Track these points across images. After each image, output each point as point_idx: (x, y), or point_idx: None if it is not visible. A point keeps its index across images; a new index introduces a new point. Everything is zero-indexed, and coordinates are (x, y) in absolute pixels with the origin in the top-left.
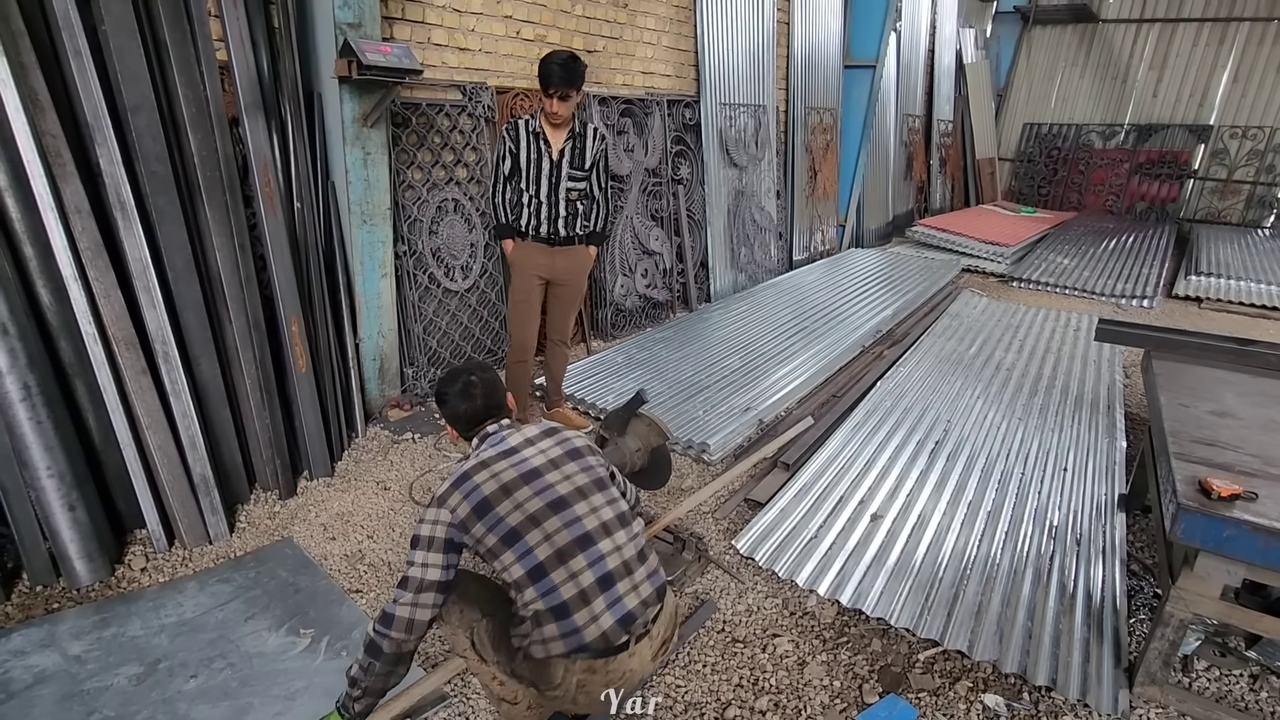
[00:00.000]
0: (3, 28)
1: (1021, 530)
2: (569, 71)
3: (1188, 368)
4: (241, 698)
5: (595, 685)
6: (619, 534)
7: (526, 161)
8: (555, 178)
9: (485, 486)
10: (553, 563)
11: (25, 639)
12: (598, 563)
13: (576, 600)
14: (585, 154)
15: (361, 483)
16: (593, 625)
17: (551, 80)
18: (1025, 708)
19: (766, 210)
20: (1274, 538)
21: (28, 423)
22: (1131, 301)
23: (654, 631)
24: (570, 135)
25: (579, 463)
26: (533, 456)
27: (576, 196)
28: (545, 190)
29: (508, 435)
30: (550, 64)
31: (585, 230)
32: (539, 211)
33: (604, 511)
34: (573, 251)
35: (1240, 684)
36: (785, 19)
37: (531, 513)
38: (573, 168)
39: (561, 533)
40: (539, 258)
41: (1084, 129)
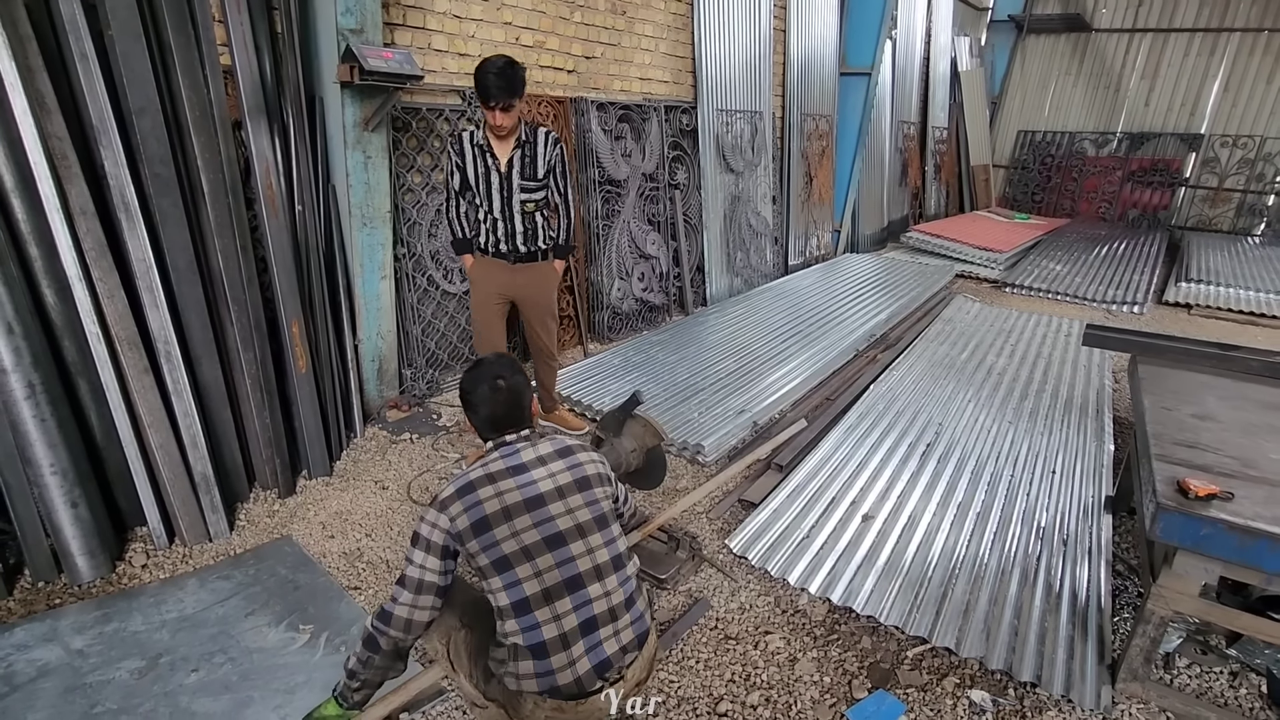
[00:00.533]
0: (10, 32)
1: (1010, 531)
2: (507, 80)
3: (1172, 372)
4: (242, 691)
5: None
6: (610, 579)
7: (475, 177)
8: (507, 191)
9: (488, 505)
10: (538, 601)
11: (28, 633)
12: (583, 607)
13: (556, 643)
14: (537, 162)
15: (360, 482)
16: (568, 670)
17: (489, 93)
18: (1010, 703)
19: (762, 215)
20: (1249, 536)
21: (32, 420)
22: (1122, 307)
23: (628, 675)
24: (518, 144)
25: (585, 495)
26: (541, 480)
27: (534, 208)
28: (499, 205)
29: (521, 449)
30: (485, 74)
31: (548, 244)
32: (496, 228)
33: (599, 554)
34: (536, 269)
35: (1220, 681)
36: (782, 26)
37: (526, 545)
38: (525, 179)
39: (553, 571)
40: (499, 275)
41: (1077, 137)
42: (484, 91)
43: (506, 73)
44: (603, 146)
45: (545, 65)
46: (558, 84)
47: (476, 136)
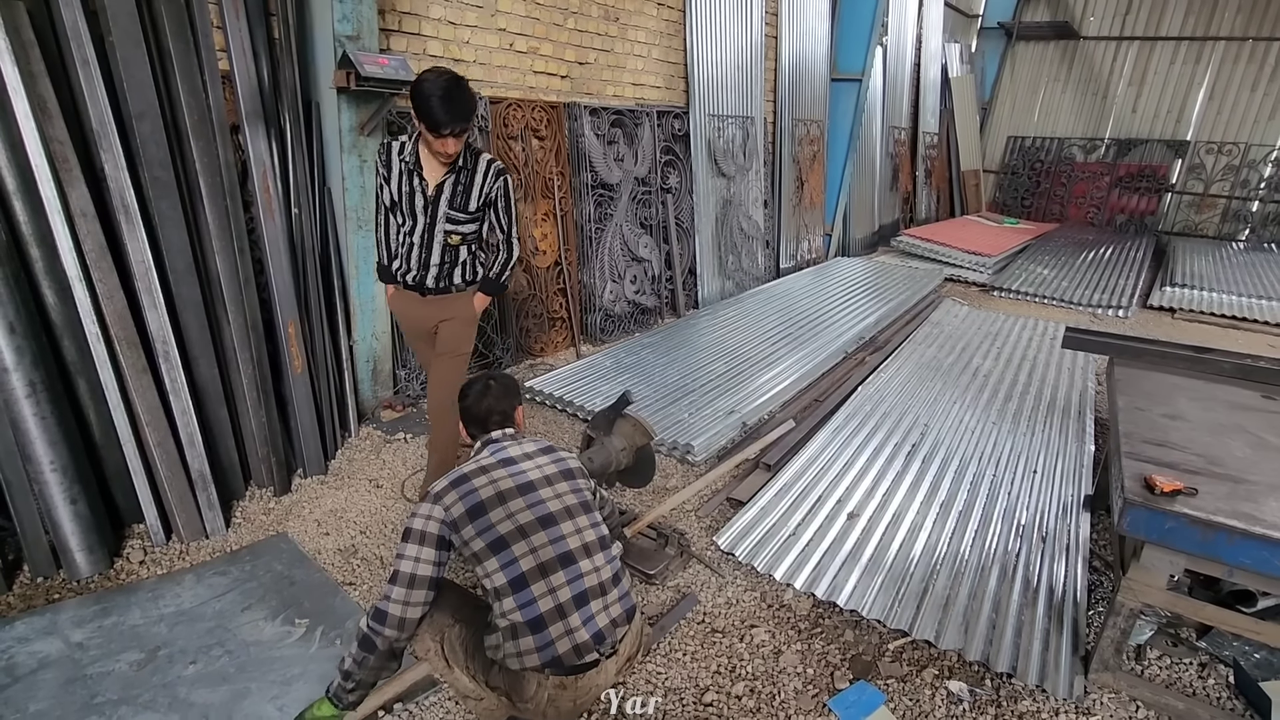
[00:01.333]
0: (14, 38)
1: (991, 528)
2: (461, 103)
3: (1147, 374)
4: (239, 683)
5: (564, 701)
6: (598, 556)
7: (399, 194)
8: (430, 218)
9: (482, 491)
10: (534, 575)
11: (28, 626)
12: (576, 580)
13: (553, 614)
14: (471, 192)
15: (354, 480)
16: (566, 638)
17: (437, 122)
18: (987, 693)
19: (754, 219)
20: (1210, 529)
21: (32, 419)
22: (1108, 311)
23: (620, 650)
24: (452, 169)
25: (570, 484)
26: (529, 470)
27: (459, 241)
28: (419, 231)
29: (508, 446)
30: (429, 98)
31: (469, 280)
32: (410, 254)
33: (587, 533)
34: (450, 301)
35: (1189, 672)
36: (774, 33)
37: (521, 524)
38: (453, 208)
39: (546, 547)
40: (413, 308)
41: (1066, 142)
42: (432, 118)
43: (457, 94)
44: (595, 151)
45: (539, 71)
46: (551, 89)
47: (405, 150)
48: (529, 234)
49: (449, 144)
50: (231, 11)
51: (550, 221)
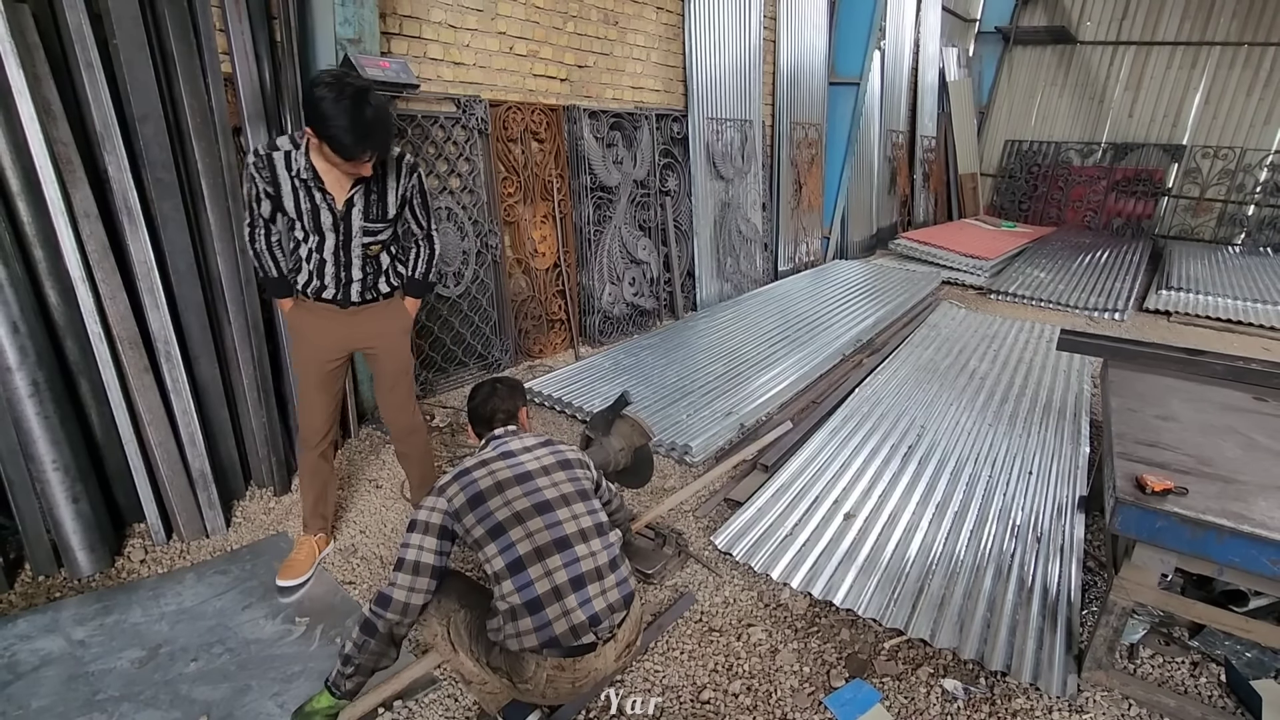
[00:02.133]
0: (19, 40)
1: (986, 529)
2: (376, 128)
3: (1141, 376)
4: (240, 680)
5: (563, 682)
6: (595, 541)
7: (295, 211)
8: (344, 234)
9: (481, 481)
10: (531, 559)
11: (30, 624)
12: (572, 564)
13: (550, 595)
14: (386, 198)
15: (354, 480)
16: (563, 619)
17: (347, 153)
18: (981, 691)
19: (752, 222)
20: (1199, 528)
21: (35, 418)
22: (1104, 314)
23: (619, 635)
24: (359, 179)
25: (568, 473)
26: (527, 462)
27: (378, 250)
28: (330, 246)
29: (509, 441)
30: (330, 124)
31: (395, 285)
32: (323, 270)
33: (584, 520)
34: (377, 309)
35: (1181, 670)
36: (772, 37)
37: (518, 510)
38: (369, 220)
39: (542, 532)
40: (329, 325)
41: (1063, 146)
42: (340, 148)
43: (371, 116)
44: (595, 154)
45: (539, 74)
46: (550, 92)
47: (296, 163)
48: (528, 236)
49: (364, 168)
50: (234, 14)
51: (549, 224)
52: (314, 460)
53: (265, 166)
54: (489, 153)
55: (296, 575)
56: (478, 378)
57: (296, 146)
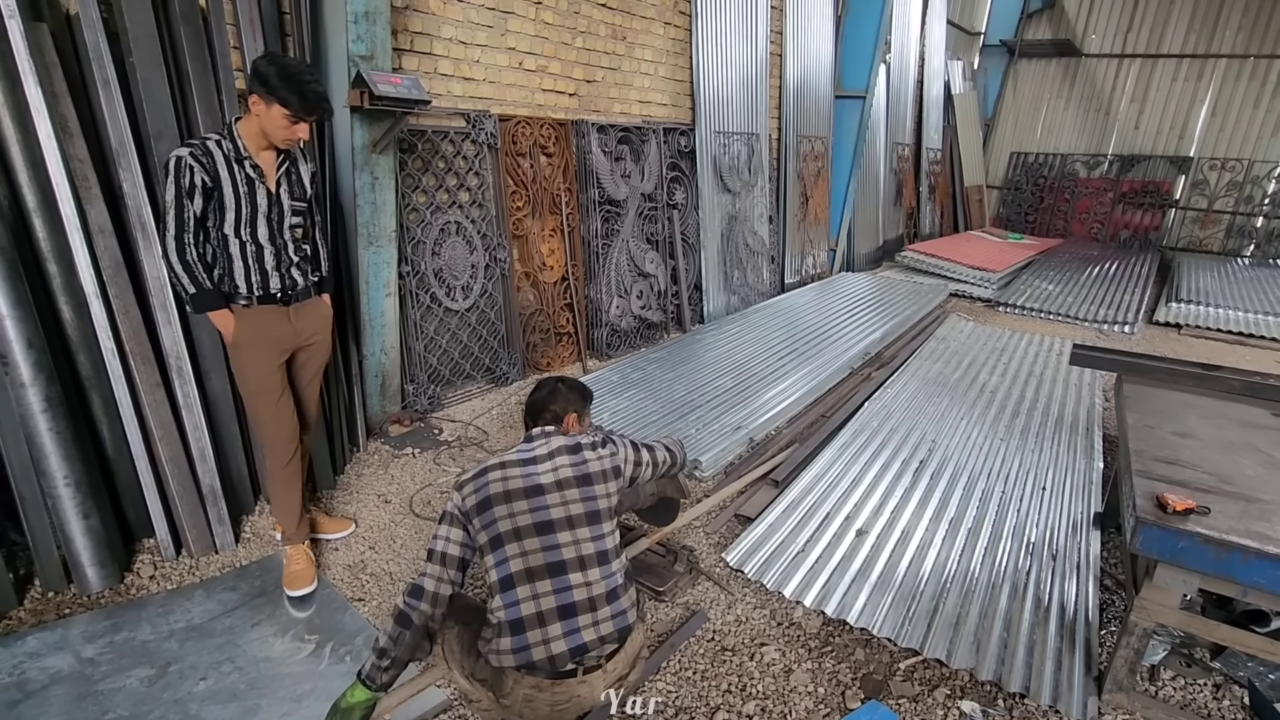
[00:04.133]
0: (38, 59)
1: (1000, 546)
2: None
3: (1156, 391)
4: (249, 699)
5: (540, 704)
6: (593, 571)
7: (234, 198)
8: (277, 215)
9: (493, 486)
10: (521, 578)
11: (40, 641)
12: (563, 591)
13: (533, 620)
14: (303, 180)
15: (363, 495)
16: (542, 647)
17: (310, 105)
18: (1000, 713)
19: (759, 234)
20: (1223, 549)
21: (47, 433)
22: (1113, 327)
23: (608, 667)
24: (284, 159)
25: (583, 490)
26: (544, 473)
27: (301, 235)
28: (265, 233)
29: (538, 444)
30: (303, 80)
31: (317, 277)
32: (262, 259)
33: (585, 546)
34: (312, 307)
35: (1204, 693)
36: (778, 51)
37: (518, 526)
38: (294, 199)
39: (537, 554)
40: (274, 326)
41: (1069, 159)
42: (306, 100)
43: (319, 77)
44: (603, 168)
45: (547, 89)
46: (559, 107)
47: (226, 147)
48: (536, 249)
49: (303, 130)
50: (249, 33)
51: (557, 237)
52: (290, 473)
53: (205, 155)
54: (498, 167)
55: (307, 584)
56: (486, 391)
57: (223, 137)
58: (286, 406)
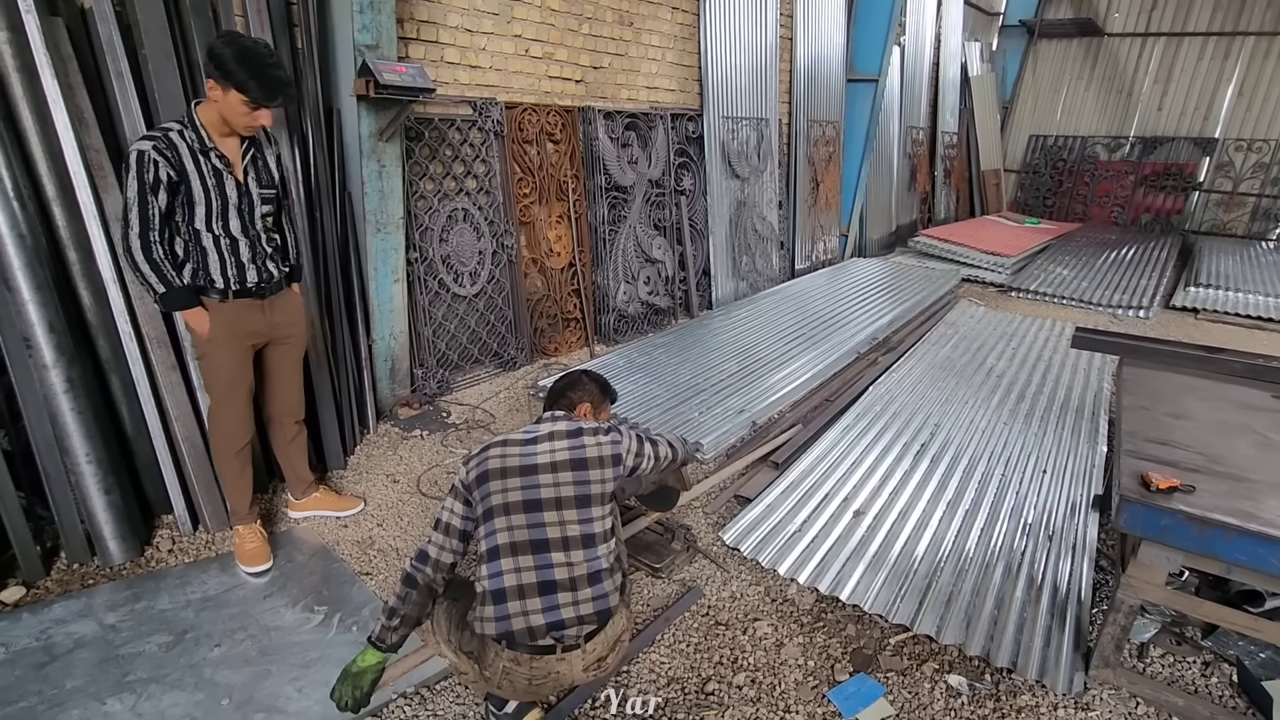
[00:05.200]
0: (54, 53)
1: (997, 526)
2: (287, 74)
3: (1156, 374)
4: (260, 665)
5: (519, 677)
6: (576, 552)
7: (203, 192)
8: (248, 206)
9: (492, 462)
10: (505, 551)
11: (65, 609)
12: (545, 569)
13: (513, 591)
14: (269, 163)
15: (373, 475)
16: (521, 618)
17: (271, 90)
18: (986, 687)
19: (768, 220)
20: (1205, 526)
21: (69, 413)
22: (1128, 312)
23: (587, 648)
24: (249, 145)
25: (576, 474)
26: (541, 454)
27: (273, 223)
28: (238, 225)
29: (543, 427)
30: (260, 61)
31: (288, 267)
32: (237, 252)
33: (571, 527)
34: (286, 299)
35: (1192, 670)
36: (789, 35)
37: (509, 501)
38: (262, 187)
39: (523, 530)
40: (248, 320)
41: (1089, 141)
42: (270, 86)
43: (280, 60)
44: (609, 154)
45: (554, 76)
46: (566, 94)
47: (189, 137)
48: (544, 236)
49: (264, 116)
50: (257, 23)
51: (564, 224)
52: (242, 459)
53: (169, 147)
54: (505, 154)
55: (263, 561)
56: (493, 375)
57: (185, 126)
58: (248, 398)
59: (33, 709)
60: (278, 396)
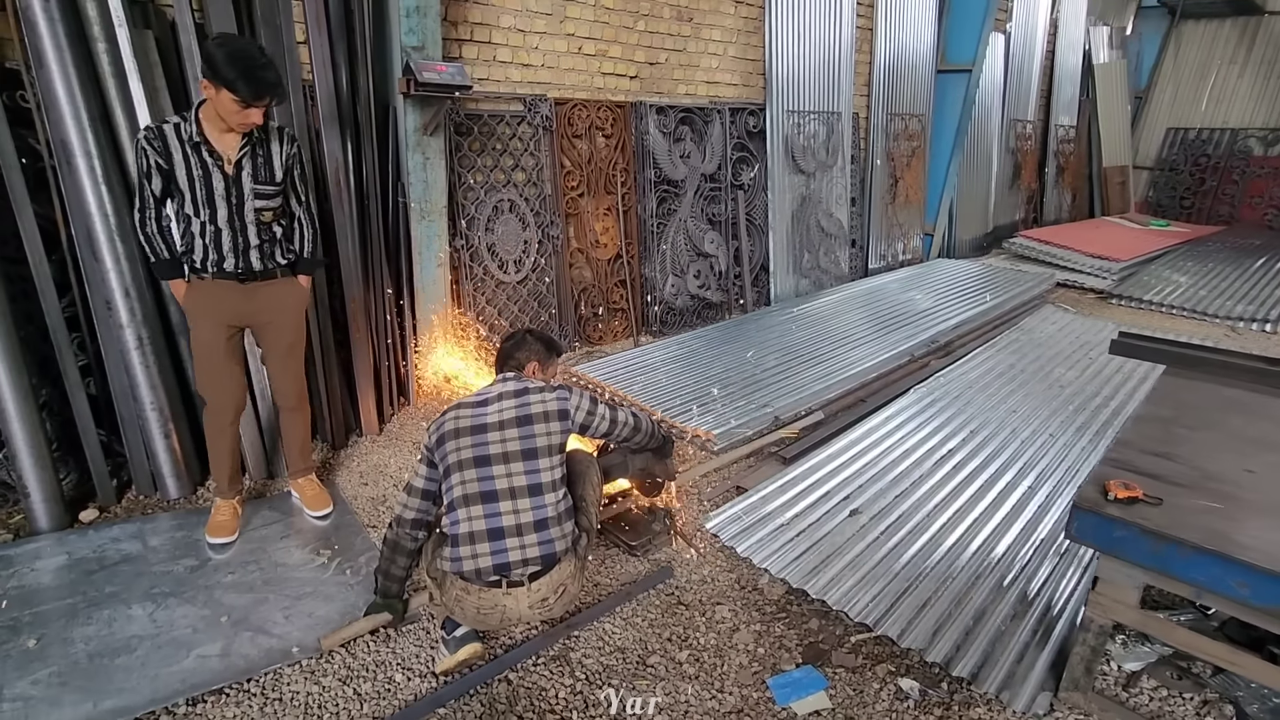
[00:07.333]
0: (141, 60)
1: (1004, 539)
2: (276, 70)
3: (1198, 385)
4: (261, 593)
5: (468, 604)
6: (523, 501)
7: (188, 181)
8: (236, 199)
9: (447, 425)
10: (460, 502)
11: (122, 530)
12: (493, 517)
13: (466, 538)
14: (273, 163)
15: (401, 442)
16: (471, 560)
17: (256, 89)
18: (940, 695)
19: (836, 217)
20: (1161, 541)
21: (139, 367)
22: (1251, 325)
23: (532, 587)
24: (248, 141)
25: (522, 429)
26: (491, 413)
27: (271, 218)
28: (224, 215)
29: (494, 389)
30: (246, 60)
31: (289, 259)
32: (219, 241)
33: (518, 479)
34: (276, 287)
35: (1185, 708)
36: (868, 25)
37: (462, 459)
38: (259, 182)
39: (474, 483)
40: (228, 300)
41: (1241, 134)
42: (257, 85)
43: (271, 61)
44: (660, 148)
45: (607, 72)
46: (619, 90)
47: (186, 130)
48: (590, 227)
49: (255, 114)
50: (315, 29)
51: (612, 216)
52: (232, 435)
53: (157, 138)
54: (553, 148)
55: (228, 534)
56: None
57: (185, 120)
58: (229, 374)
59: (75, 605)
60: (271, 381)
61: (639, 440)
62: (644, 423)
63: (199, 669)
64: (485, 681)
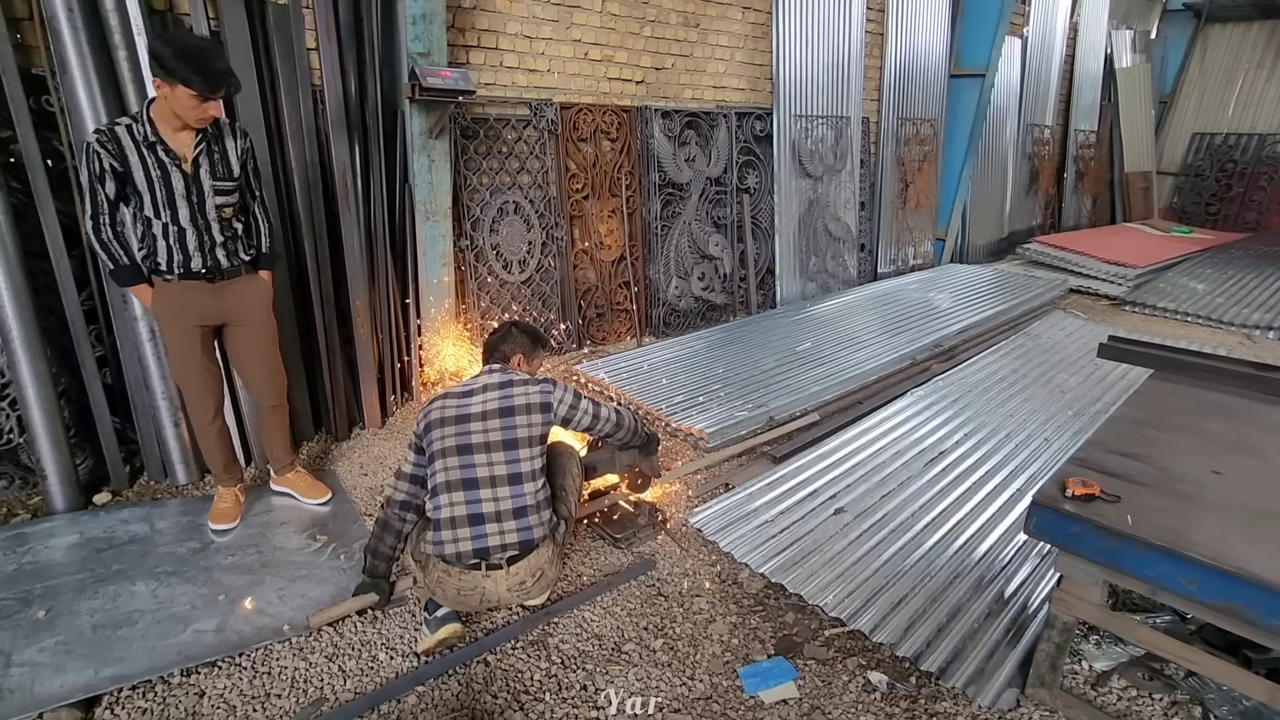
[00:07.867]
0: None
1: (985, 540)
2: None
3: (1178, 388)
4: (258, 575)
5: (449, 586)
6: (503, 489)
7: (146, 182)
8: (198, 197)
9: (434, 414)
10: (443, 488)
11: (132, 513)
12: (474, 503)
13: (447, 522)
14: (229, 158)
15: (402, 436)
16: (452, 544)
17: (212, 81)
18: (908, 689)
19: (844, 221)
20: (1114, 537)
21: (151, 358)
22: (1268, 333)
23: (510, 570)
24: (203, 138)
25: (504, 420)
26: (474, 404)
27: (232, 214)
28: (186, 214)
29: (479, 380)
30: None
31: (251, 255)
32: (184, 241)
33: (498, 468)
34: (242, 284)
35: (1154, 708)
36: (879, 29)
37: (445, 447)
38: (217, 179)
39: (455, 470)
40: (196, 300)
41: (1269, 139)
42: (213, 78)
43: (221, 50)
44: (664, 152)
45: (613, 77)
46: (625, 94)
47: (139, 130)
48: (595, 229)
49: (213, 107)
50: (324, 36)
51: (616, 218)
52: (217, 429)
53: (110, 140)
54: (558, 151)
55: (228, 521)
56: None
57: (136, 120)
58: (206, 374)
59: (83, 580)
60: (246, 380)
61: (621, 437)
62: (626, 420)
63: (195, 642)
64: (464, 662)
